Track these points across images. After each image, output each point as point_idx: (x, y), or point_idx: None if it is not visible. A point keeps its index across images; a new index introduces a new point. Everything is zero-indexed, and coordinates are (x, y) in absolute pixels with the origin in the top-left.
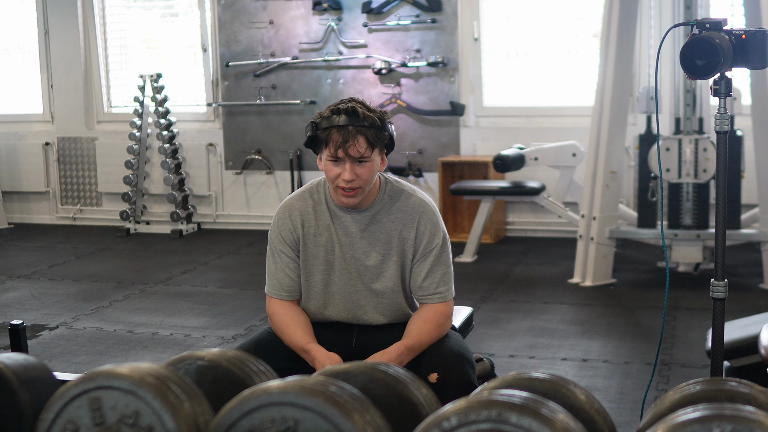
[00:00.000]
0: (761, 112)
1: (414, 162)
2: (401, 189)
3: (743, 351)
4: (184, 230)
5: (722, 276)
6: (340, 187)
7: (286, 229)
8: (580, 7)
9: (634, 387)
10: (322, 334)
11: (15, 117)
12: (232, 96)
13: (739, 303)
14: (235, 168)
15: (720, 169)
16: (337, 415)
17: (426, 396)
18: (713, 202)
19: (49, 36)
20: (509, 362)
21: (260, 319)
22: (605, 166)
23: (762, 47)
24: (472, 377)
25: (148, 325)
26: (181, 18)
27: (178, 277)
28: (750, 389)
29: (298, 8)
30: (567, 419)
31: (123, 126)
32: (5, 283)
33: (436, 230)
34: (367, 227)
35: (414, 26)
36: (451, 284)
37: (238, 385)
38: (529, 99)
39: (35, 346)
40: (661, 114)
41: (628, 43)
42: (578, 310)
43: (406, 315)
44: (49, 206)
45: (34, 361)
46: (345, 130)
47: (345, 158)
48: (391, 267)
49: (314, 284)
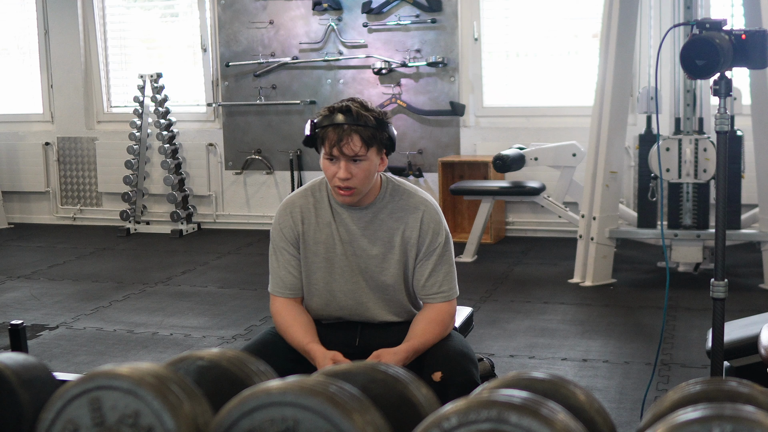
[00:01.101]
0: (761, 112)
1: (414, 162)
2: (403, 188)
3: (743, 351)
4: (184, 230)
5: (722, 276)
6: (337, 185)
7: (287, 226)
8: (580, 7)
9: (634, 387)
10: (325, 333)
11: (15, 117)
12: (232, 96)
13: (739, 303)
14: (235, 168)
15: (720, 169)
16: (337, 415)
17: (426, 396)
18: (713, 202)
19: (49, 36)
20: (509, 362)
21: (260, 319)
22: (605, 166)
23: (762, 47)
24: (476, 376)
25: (148, 325)
26: (181, 18)
27: (178, 277)
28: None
29: (298, 8)
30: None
31: (123, 126)
32: (5, 283)
33: (439, 229)
34: (368, 225)
35: (414, 26)
36: (454, 283)
37: (238, 385)
38: (529, 99)
39: (35, 346)
40: (661, 114)
41: (628, 43)
42: (578, 310)
43: (409, 312)
44: (49, 206)
45: (34, 361)
46: (340, 128)
47: (340, 157)
48: (392, 264)
49: (315, 282)
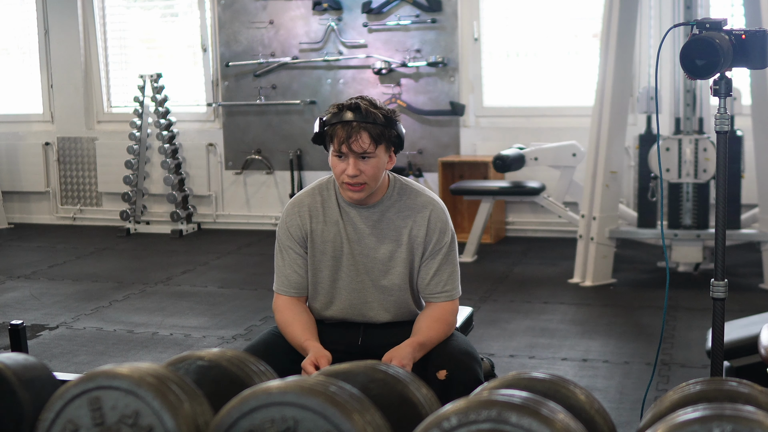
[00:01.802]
0: (761, 112)
1: (414, 162)
2: (410, 187)
3: (743, 351)
4: (184, 230)
5: (722, 276)
6: (346, 182)
7: (294, 225)
8: (580, 7)
9: (634, 387)
10: (327, 332)
11: (15, 117)
12: (232, 96)
13: (739, 303)
14: (235, 168)
15: (720, 169)
16: (337, 415)
17: (426, 396)
18: (713, 202)
19: (49, 36)
20: (509, 362)
21: (260, 319)
22: (605, 166)
23: (762, 47)
24: (480, 374)
25: (148, 325)
26: (181, 18)
27: (178, 277)
28: (750, 389)
29: (298, 8)
30: (567, 419)
31: (123, 126)
32: (5, 283)
33: (446, 228)
34: (376, 224)
35: (414, 26)
36: (458, 283)
37: (238, 385)
38: (529, 99)
39: (35, 346)
40: (661, 114)
41: (628, 43)
42: (578, 310)
43: (412, 313)
44: (49, 206)
45: (34, 361)
46: (349, 126)
47: (349, 154)
48: (399, 263)
49: (321, 280)
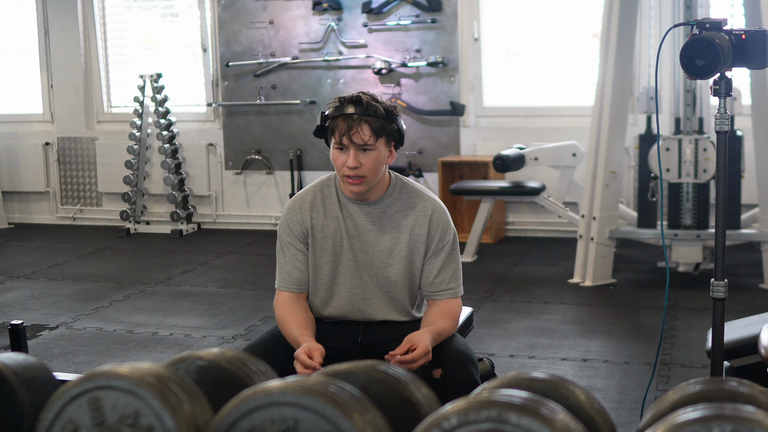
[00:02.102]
0: (761, 112)
1: (414, 162)
2: (411, 186)
3: (743, 351)
4: (184, 230)
5: (722, 276)
6: (346, 174)
7: (294, 222)
8: (580, 7)
9: (634, 387)
10: (327, 331)
11: (15, 117)
12: (232, 96)
13: (739, 303)
14: (235, 168)
15: (720, 169)
16: (337, 415)
17: (426, 396)
18: (713, 202)
19: (49, 36)
20: (509, 362)
21: (260, 319)
22: (605, 166)
23: (762, 47)
24: (476, 376)
25: (148, 325)
26: (181, 18)
27: (178, 277)
28: (750, 389)
29: (298, 8)
30: (567, 419)
31: (123, 126)
32: (5, 283)
33: (448, 227)
34: (376, 220)
35: (414, 26)
36: (460, 281)
37: (238, 385)
38: (529, 99)
39: (35, 346)
40: (661, 114)
41: (628, 43)
42: (578, 310)
43: (409, 313)
44: (49, 206)
45: (34, 361)
46: (350, 118)
47: (349, 145)
48: (398, 260)
49: (321, 276)
